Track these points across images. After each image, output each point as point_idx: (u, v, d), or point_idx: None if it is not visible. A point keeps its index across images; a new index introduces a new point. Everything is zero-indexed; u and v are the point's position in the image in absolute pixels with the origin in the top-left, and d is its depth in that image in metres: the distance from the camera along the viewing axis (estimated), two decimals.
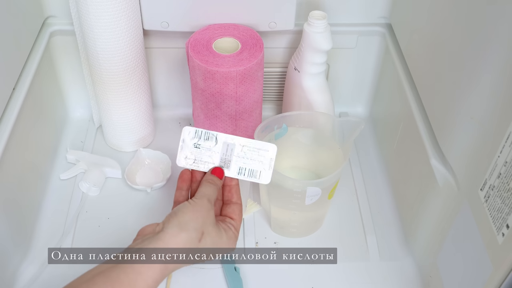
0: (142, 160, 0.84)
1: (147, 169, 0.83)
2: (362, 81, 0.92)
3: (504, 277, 0.49)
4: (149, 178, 0.82)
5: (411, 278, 0.71)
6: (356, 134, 0.68)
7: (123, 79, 0.77)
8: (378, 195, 0.82)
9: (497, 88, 0.52)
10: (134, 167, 0.83)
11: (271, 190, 0.70)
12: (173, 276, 0.70)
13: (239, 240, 0.74)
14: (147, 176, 0.82)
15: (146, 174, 0.83)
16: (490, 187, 0.51)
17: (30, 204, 0.75)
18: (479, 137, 0.55)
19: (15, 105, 0.71)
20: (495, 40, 0.52)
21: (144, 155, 0.84)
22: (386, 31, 0.85)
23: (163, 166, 0.83)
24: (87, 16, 0.71)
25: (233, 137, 0.63)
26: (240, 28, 0.78)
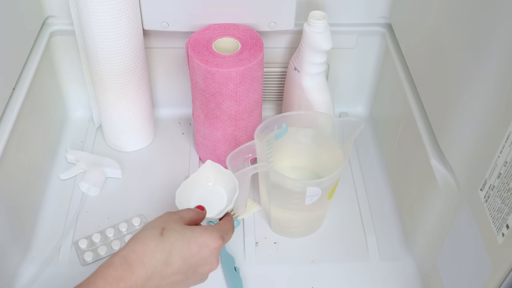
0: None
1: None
2: (362, 81, 0.92)
3: (504, 277, 0.49)
4: None
5: (411, 278, 0.71)
6: (356, 134, 0.68)
7: (123, 79, 0.77)
8: (378, 195, 0.82)
9: (497, 88, 0.52)
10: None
11: (271, 190, 0.70)
12: None
13: (239, 240, 0.75)
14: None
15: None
16: (490, 187, 0.51)
17: (30, 204, 0.75)
18: (479, 137, 0.55)
19: (15, 105, 0.71)
20: (495, 40, 0.52)
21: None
22: (386, 31, 0.85)
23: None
24: (87, 16, 0.71)
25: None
26: (240, 28, 0.78)
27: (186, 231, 0.54)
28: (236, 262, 0.72)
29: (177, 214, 0.56)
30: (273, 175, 0.67)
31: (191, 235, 0.53)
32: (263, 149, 0.71)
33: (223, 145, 0.80)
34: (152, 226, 0.53)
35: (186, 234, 0.53)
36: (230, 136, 0.79)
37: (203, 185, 0.69)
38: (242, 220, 0.77)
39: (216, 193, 0.69)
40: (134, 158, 0.86)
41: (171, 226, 0.53)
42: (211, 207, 0.64)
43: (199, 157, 0.86)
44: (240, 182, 0.68)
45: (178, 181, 0.82)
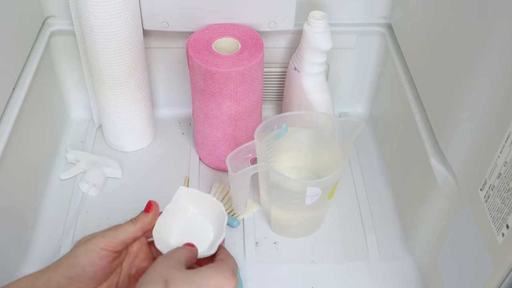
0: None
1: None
2: (362, 81, 0.92)
3: (504, 277, 0.49)
4: None
5: (411, 278, 0.71)
6: (356, 134, 0.68)
7: (123, 79, 0.78)
8: (378, 195, 0.82)
9: (497, 88, 0.52)
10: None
11: (271, 190, 0.70)
12: None
13: (239, 240, 0.75)
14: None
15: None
16: (490, 187, 0.51)
17: (30, 204, 0.75)
18: (479, 137, 0.55)
19: (15, 105, 0.71)
20: (495, 40, 0.52)
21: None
22: (386, 31, 0.85)
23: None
24: (87, 16, 0.71)
25: None
26: (240, 28, 0.78)
27: (194, 277, 0.45)
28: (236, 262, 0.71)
29: (172, 258, 0.47)
30: (273, 175, 0.67)
31: (201, 281, 0.45)
32: (263, 149, 0.71)
33: (223, 145, 0.80)
34: (152, 280, 0.44)
35: (196, 280, 0.45)
36: (230, 136, 0.79)
37: (181, 216, 0.57)
38: (242, 220, 0.77)
39: (198, 223, 0.57)
40: (134, 158, 0.86)
41: (174, 275, 0.44)
42: (197, 240, 0.54)
43: (199, 157, 0.86)
44: (240, 182, 0.68)
45: (178, 181, 0.83)
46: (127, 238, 0.48)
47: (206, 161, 0.85)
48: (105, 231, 0.47)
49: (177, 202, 0.56)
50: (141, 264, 0.50)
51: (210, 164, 0.84)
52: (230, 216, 0.77)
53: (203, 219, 0.57)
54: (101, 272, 0.46)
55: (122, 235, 0.47)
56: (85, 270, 0.45)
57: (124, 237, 0.47)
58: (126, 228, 0.48)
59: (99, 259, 0.46)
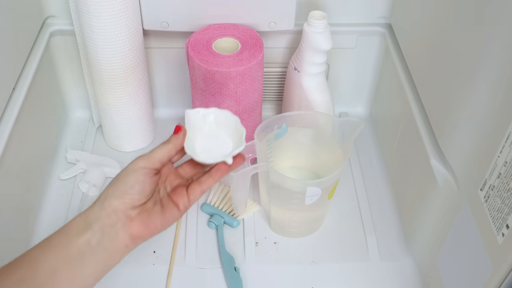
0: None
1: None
2: (362, 81, 0.92)
3: (504, 277, 0.49)
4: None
5: (411, 278, 0.71)
6: (356, 134, 0.68)
7: (123, 79, 0.77)
8: (378, 195, 0.82)
9: (497, 88, 0.52)
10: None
11: (271, 190, 0.70)
12: (173, 276, 0.70)
13: (239, 240, 0.75)
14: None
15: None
16: (490, 187, 0.51)
17: (30, 204, 0.75)
18: (479, 137, 0.55)
19: (15, 105, 0.71)
20: (495, 40, 0.52)
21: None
22: (386, 31, 0.85)
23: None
24: (87, 16, 0.71)
25: None
26: (240, 28, 0.78)
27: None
28: (236, 262, 0.72)
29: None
30: (273, 175, 0.67)
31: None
32: (263, 149, 0.71)
33: None
34: None
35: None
36: None
37: (201, 133, 0.59)
38: (242, 220, 0.77)
39: (217, 136, 0.59)
40: (134, 158, 0.86)
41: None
42: (218, 150, 0.57)
43: None
44: (240, 182, 0.68)
45: None
46: (163, 157, 0.53)
47: None
48: (142, 155, 0.54)
49: (194, 122, 0.59)
50: (174, 183, 0.56)
51: None
52: (230, 216, 0.77)
53: (221, 132, 0.60)
54: (146, 187, 0.51)
55: (158, 155, 0.53)
56: (133, 187, 0.51)
57: (160, 156, 0.53)
58: (161, 148, 0.54)
59: (142, 176, 0.51)
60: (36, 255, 0.46)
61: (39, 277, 0.45)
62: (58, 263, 0.46)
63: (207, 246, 0.74)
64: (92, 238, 0.48)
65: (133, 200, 0.50)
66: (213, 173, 0.55)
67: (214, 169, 0.56)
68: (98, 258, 0.48)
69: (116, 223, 0.49)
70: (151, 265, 0.72)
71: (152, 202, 0.53)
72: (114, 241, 0.49)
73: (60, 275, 0.46)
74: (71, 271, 0.47)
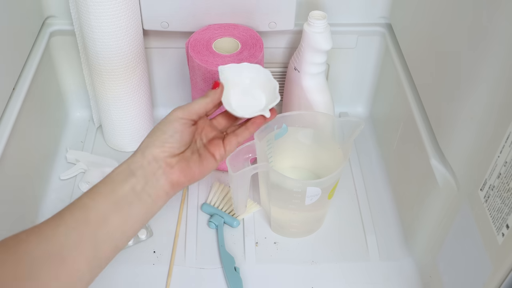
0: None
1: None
2: (362, 81, 0.92)
3: (504, 277, 0.49)
4: None
5: (411, 278, 0.71)
6: (356, 134, 0.68)
7: (123, 79, 0.77)
8: (378, 195, 0.82)
9: (497, 88, 0.52)
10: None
11: (271, 190, 0.70)
12: (173, 276, 0.70)
13: (239, 240, 0.75)
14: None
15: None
16: (490, 187, 0.51)
17: (30, 204, 0.75)
18: (479, 137, 0.55)
19: (15, 105, 0.71)
20: (495, 40, 0.52)
21: None
22: (386, 31, 0.85)
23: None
24: (87, 16, 0.71)
25: None
26: (240, 28, 0.78)
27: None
28: (236, 262, 0.72)
29: None
30: (273, 175, 0.68)
31: None
32: (263, 149, 0.71)
33: None
34: None
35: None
36: None
37: (236, 87, 0.61)
38: (242, 220, 0.77)
39: (251, 90, 0.61)
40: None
41: None
42: (252, 103, 0.60)
43: None
44: (240, 182, 0.68)
45: None
46: (200, 109, 0.56)
47: None
48: (179, 106, 0.56)
49: (227, 78, 0.60)
50: (209, 135, 0.58)
51: None
52: (230, 216, 0.77)
53: (254, 86, 0.62)
54: (184, 137, 0.54)
55: (196, 107, 0.55)
56: (172, 136, 0.53)
57: (198, 108, 0.56)
58: (198, 101, 0.56)
59: (180, 126, 0.54)
60: (87, 202, 0.49)
61: (91, 222, 0.47)
62: (108, 209, 0.49)
63: (207, 246, 0.74)
64: (137, 184, 0.51)
65: (172, 149, 0.53)
66: (249, 126, 0.59)
67: (250, 122, 0.59)
68: (142, 204, 0.51)
69: (157, 171, 0.52)
70: (151, 265, 0.72)
71: (190, 152, 0.55)
72: (156, 187, 0.52)
73: (111, 221, 0.48)
74: (120, 217, 0.49)
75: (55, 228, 0.46)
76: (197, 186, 0.82)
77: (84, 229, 0.47)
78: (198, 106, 0.56)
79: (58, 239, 0.45)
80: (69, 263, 0.45)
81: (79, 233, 0.46)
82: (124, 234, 0.50)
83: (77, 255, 0.46)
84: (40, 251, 0.44)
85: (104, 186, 0.50)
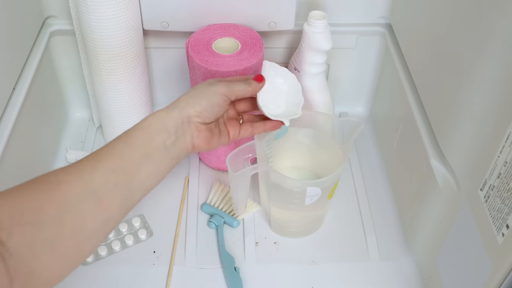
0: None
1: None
2: (362, 81, 0.92)
3: (504, 277, 0.49)
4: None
5: (411, 278, 0.71)
6: (356, 134, 0.68)
7: (123, 79, 0.77)
8: (378, 195, 0.82)
9: (497, 88, 0.52)
10: None
11: (271, 190, 0.70)
12: (173, 276, 0.70)
13: (239, 240, 0.75)
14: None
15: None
16: (490, 187, 0.51)
17: None
18: (479, 137, 0.55)
19: (15, 105, 0.71)
20: (495, 40, 0.52)
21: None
22: (386, 31, 0.85)
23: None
24: (87, 16, 0.71)
25: None
26: (240, 28, 0.78)
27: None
28: (236, 262, 0.72)
29: None
30: (273, 175, 0.68)
31: None
32: (263, 149, 0.71)
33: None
34: None
35: None
36: None
37: (267, 85, 0.64)
38: (242, 220, 0.77)
39: (280, 95, 0.65)
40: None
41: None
42: (276, 103, 0.64)
43: (199, 157, 0.86)
44: (240, 182, 0.68)
45: (178, 181, 0.83)
46: (240, 94, 0.60)
47: (206, 161, 0.85)
48: (227, 82, 0.59)
49: (267, 75, 0.63)
50: (230, 113, 0.63)
51: (210, 164, 0.84)
52: (230, 216, 0.77)
53: (284, 92, 0.65)
54: (220, 112, 0.59)
55: (237, 90, 0.59)
56: (213, 108, 0.57)
57: (238, 92, 0.60)
58: (241, 86, 0.60)
59: (222, 101, 0.58)
60: (123, 150, 0.52)
61: (126, 171, 0.51)
62: (141, 160, 0.52)
63: (207, 246, 0.74)
64: (168, 139, 0.54)
65: (207, 119, 0.57)
66: (267, 125, 0.63)
67: (269, 122, 0.63)
68: (168, 159, 0.54)
69: (187, 132, 0.56)
70: (151, 265, 0.72)
71: (214, 124, 0.60)
72: (182, 146, 0.56)
73: (143, 169, 0.52)
74: (151, 166, 0.53)
75: (94, 171, 0.49)
76: (197, 186, 0.82)
77: (121, 177, 0.50)
78: (239, 90, 0.59)
79: (97, 181, 0.48)
80: (105, 204, 0.48)
81: (116, 179, 0.50)
82: (151, 183, 0.53)
83: (113, 198, 0.49)
84: (80, 191, 0.47)
85: (137, 135, 0.53)
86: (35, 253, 0.44)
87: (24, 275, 0.43)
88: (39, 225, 0.44)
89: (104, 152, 0.51)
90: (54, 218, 0.45)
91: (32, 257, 0.43)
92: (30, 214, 0.44)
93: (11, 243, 0.42)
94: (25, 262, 0.43)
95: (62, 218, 0.45)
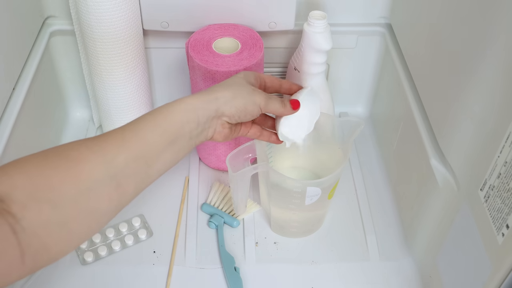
0: None
1: None
2: (362, 81, 0.92)
3: (504, 277, 0.49)
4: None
5: (411, 278, 0.71)
6: (356, 134, 0.68)
7: (123, 79, 0.77)
8: (378, 195, 0.82)
9: (497, 88, 0.52)
10: None
11: (271, 190, 0.70)
12: (173, 276, 0.70)
13: (239, 240, 0.75)
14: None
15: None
16: (490, 187, 0.51)
17: None
18: (479, 137, 0.55)
19: (15, 105, 0.71)
20: (495, 40, 0.52)
21: None
22: (386, 31, 0.85)
23: None
24: (87, 16, 0.71)
25: None
26: (240, 28, 0.78)
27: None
28: (236, 262, 0.72)
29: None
30: (273, 175, 0.68)
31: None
32: (263, 149, 0.71)
33: (223, 145, 0.80)
34: None
35: None
36: None
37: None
38: (242, 220, 0.77)
39: (298, 120, 0.66)
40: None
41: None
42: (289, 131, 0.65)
43: (199, 157, 0.86)
44: (240, 182, 0.68)
45: (178, 181, 0.83)
46: (272, 112, 0.62)
47: (206, 161, 0.85)
48: (266, 96, 0.60)
49: (302, 100, 0.64)
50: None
51: (210, 164, 0.84)
52: (230, 216, 0.77)
53: (304, 119, 0.66)
54: (249, 119, 0.60)
55: (272, 109, 0.61)
56: (246, 115, 0.59)
57: (272, 110, 0.61)
58: (278, 106, 0.61)
59: (256, 112, 0.59)
60: (147, 136, 0.51)
61: (149, 158, 0.51)
62: (164, 147, 0.52)
63: (207, 246, 0.74)
64: (194, 131, 0.55)
65: (234, 121, 0.58)
66: (272, 137, 0.66)
67: (275, 135, 0.65)
68: (188, 146, 0.56)
69: (213, 126, 0.57)
70: (151, 265, 0.72)
71: (235, 125, 0.61)
72: (203, 137, 0.57)
73: (162, 158, 0.53)
74: (171, 154, 0.54)
75: (116, 154, 0.49)
76: (197, 186, 0.82)
77: (142, 165, 0.51)
78: (274, 109, 0.61)
79: (119, 166, 0.49)
80: (122, 188, 0.49)
81: (137, 167, 0.50)
82: (166, 169, 0.54)
83: (130, 183, 0.50)
84: (101, 174, 0.47)
85: (165, 121, 0.53)
86: (49, 232, 0.44)
87: (36, 251, 0.44)
88: (55, 204, 0.44)
89: (129, 133, 0.51)
90: (72, 198, 0.45)
91: (47, 235, 0.44)
92: (47, 192, 0.44)
93: (25, 218, 0.43)
94: (39, 239, 0.44)
95: (79, 199, 0.46)
